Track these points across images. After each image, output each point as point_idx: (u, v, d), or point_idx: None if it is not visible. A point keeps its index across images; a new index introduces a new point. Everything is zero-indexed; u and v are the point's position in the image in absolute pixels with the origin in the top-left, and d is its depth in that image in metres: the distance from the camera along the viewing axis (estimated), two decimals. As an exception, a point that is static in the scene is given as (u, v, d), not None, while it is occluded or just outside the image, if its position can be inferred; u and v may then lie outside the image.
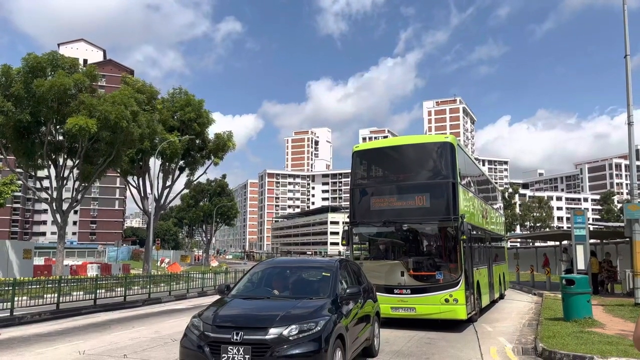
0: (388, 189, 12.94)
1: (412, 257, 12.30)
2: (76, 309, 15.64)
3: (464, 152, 13.83)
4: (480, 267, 14.24)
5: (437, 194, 12.03)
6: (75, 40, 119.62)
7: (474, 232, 13.70)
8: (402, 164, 13.37)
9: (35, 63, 28.25)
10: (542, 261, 30.29)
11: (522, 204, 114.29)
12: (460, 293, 11.28)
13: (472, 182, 15.09)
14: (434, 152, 12.85)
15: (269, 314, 6.12)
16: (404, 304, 11.62)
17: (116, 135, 29.59)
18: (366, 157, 13.72)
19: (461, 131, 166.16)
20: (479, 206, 15.50)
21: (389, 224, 12.34)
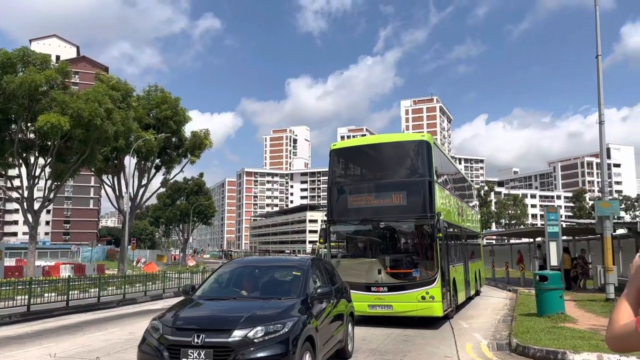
0: (365, 187, 13.01)
1: (389, 255, 12.33)
2: (48, 310, 15.28)
3: (440, 151, 13.93)
4: (456, 264, 14.35)
5: (414, 192, 12.10)
6: (48, 36, 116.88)
7: (450, 229, 13.78)
8: (379, 162, 13.44)
9: (5, 59, 27.53)
10: (517, 258, 30.79)
11: (498, 202, 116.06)
12: (436, 290, 11.29)
13: (449, 180, 15.18)
14: (411, 150, 12.92)
15: (234, 315, 5.81)
16: (380, 302, 11.59)
17: (90, 133, 29.04)
18: (344, 156, 13.73)
19: (438, 130, 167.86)
20: (455, 204, 15.60)
21: (366, 222, 12.36)
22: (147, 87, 41.38)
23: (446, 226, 12.65)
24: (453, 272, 13.40)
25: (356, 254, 13.24)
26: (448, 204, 14.19)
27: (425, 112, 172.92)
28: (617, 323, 1.52)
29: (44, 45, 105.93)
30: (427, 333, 10.95)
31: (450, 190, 15.15)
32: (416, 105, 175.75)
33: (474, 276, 17.99)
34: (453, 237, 14.67)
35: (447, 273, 12.50)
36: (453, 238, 14.67)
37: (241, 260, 8.65)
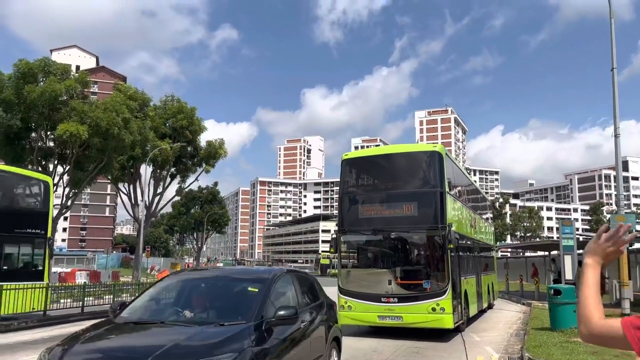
0: (376, 197, 13.02)
1: (400, 266, 12.28)
2: (64, 316, 15.53)
3: (452, 162, 13.94)
4: (468, 276, 14.21)
5: (425, 203, 12.07)
6: (68, 46, 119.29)
7: (462, 241, 13.70)
8: (390, 173, 13.48)
9: (26, 69, 28.22)
10: (531, 271, 30.47)
11: (513, 214, 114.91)
12: (447, 302, 11.17)
13: (461, 192, 15.11)
14: (423, 161, 12.94)
15: (146, 347, 4.34)
16: (390, 313, 11.49)
17: (107, 141, 29.54)
18: (355, 166, 13.73)
19: (452, 141, 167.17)
20: (467, 216, 15.48)
21: (377, 232, 12.41)
22: (163, 97, 42.08)
23: (458, 238, 12.55)
24: (464, 284, 13.26)
25: (367, 264, 13.21)
26: (460, 215, 14.08)
27: (439, 123, 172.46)
28: (592, 319, 1.61)
29: (64, 55, 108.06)
30: (439, 345, 10.93)
31: (463, 201, 15.04)
32: (430, 116, 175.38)
33: (486, 289, 17.76)
34: (465, 249, 14.53)
35: (459, 285, 12.35)
36: (465, 250, 14.53)
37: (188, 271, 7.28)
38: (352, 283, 12.33)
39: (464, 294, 12.90)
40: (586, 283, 1.71)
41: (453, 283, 11.53)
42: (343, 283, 12.37)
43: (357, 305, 11.83)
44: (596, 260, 1.73)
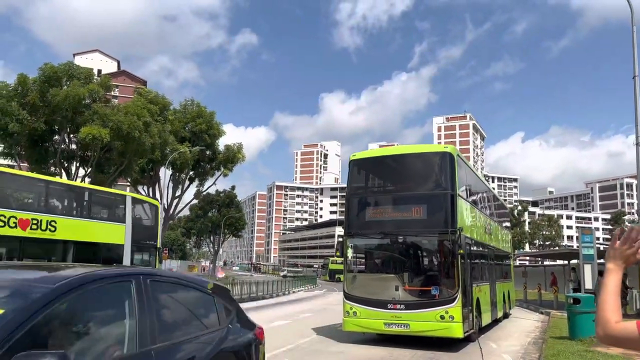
0: (384, 199, 12.72)
1: (408, 271, 11.88)
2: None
3: (465, 164, 13.55)
4: (481, 283, 13.77)
5: (435, 206, 11.69)
6: (91, 50, 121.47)
7: (475, 247, 13.36)
8: (400, 174, 13.10)
9: (51, 73, 28.90)
10: (550, 280, 30.09)
11: (532, 222, 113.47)
12: (456, 310, 10.72)
13: (475, 196, 14.71)
14: (433, 162, 12.52)
15: None
16: (397, 320, 11.08)
17: (128, 145, 30.07)
18: (364, 166, 13.33)
19: (470, 147, 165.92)
20: (481, 221, 15.05)
21: (385, 235, 12.00)
22: (183, 101, 42.66)
23: (470, 243, 12.21)
24: (477, 292, 12.78)
25: (373, 269, 12.88)
26: (473, 220, 13.62)
27: (458, 129, 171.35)
28: (609, 322, 1.67)
29: (86, 59, 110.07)
30: (454, 354, 10.88)
31: (477, 206, 14.62)
32: (449, 122, 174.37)
33: (501, 297, 17.23)
34: (478, 256, 14.12)
35: (470, 292, 11.89)
36: (478, 256, 14.12)
37: None
38: (357, 288, 11.97)
39: (475, 302, 12.41)
40: (606, 287, 1.76)
41: (463, 290, 11.09)
42: (349, 288, 11.98)
43: (362, 312, 11.46)
44: (617, 264, 1.78)
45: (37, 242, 14.31)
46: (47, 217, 14.72)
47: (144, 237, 18.22)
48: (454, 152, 11.96)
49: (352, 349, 11.15)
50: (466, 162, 13.76)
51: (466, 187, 13.01)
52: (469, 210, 12.93)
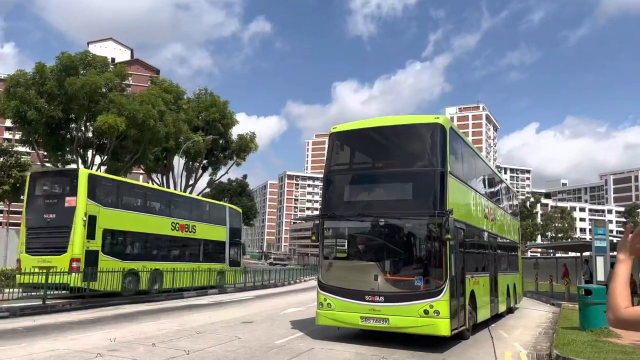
0: (366, 177, 11.51)
1: (389, 258, 10.48)
2: (104, 299, 16.23)
3: (461, 138, 12.25)
4: (478, 274, 12.54)
5: (421, 185, 10.51)
6: (104, 39, 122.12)
7: (470, 233, 12.17)
8: (384, 149, 11.83)
9: (68, 62, 29.26)
10: (562, 272, 30.11)
11: (544, 214, 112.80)
12: (443, 304, 9.47)
13: (472, 176, 13.24)
14: (422, 135, 11.15)
15: None
16: (375, 314, 9.80)
17: (143, 133, 30.45)
18: (345, 140, 12.03)
19: (483, 138, 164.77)
20: (480, 205, 13.54)
21: (364, 217, 10.68)
22: (197, 90, 42.99)
23: (463, 229, 11.11)
24: (472, 284, 11.53)
25: (351, 256, 11.41)
26: (468, 203, 12.24)
27: (470, 120, 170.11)
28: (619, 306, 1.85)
29: (100, 47, 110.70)
30: (464, 342, 11.05)
31: (474, 188, 13.01)
32: (461, 113, 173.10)
33: (504, 290, 15.85)
34: (475, 243, 12.87)
35: (461, 284, 10.69)
36: (475, 244, 12.88)
37: None
38: (333, 277, 10.75)
39: (469, 296, 11.21)
40: (617, 276, 1.94)
41: (452, 281, 9.87)
42: (323, 277, 10.75)
43: (337, 303, 10.24)
44: (627, 256, 1.96)
45: (187, 239, 21.88)
46: (192, 222, 22.05)
47: (235, 235, 25.81)
48: (446, 124, 10.62)
49: (318, 345, 11.33)
50: (462, 136, 12.48)
51: (461, 165, 11.81)
52: (463, 192, 11.65)
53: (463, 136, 12.57)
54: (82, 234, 16.14)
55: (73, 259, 15.91)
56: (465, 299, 10.79)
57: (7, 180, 28.66)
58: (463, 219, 11.05)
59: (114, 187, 18.94)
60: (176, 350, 8.74)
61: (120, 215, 17.99)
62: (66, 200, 16.65)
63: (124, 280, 17.48)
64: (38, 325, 11.44)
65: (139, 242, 19.22)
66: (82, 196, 16.39)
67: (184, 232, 21.29)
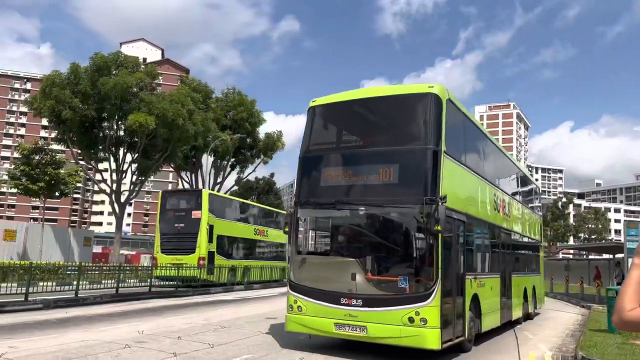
0: (346, 157, 9.71)
1: (370, 255, 8.82)
2: (133, 294, 16.71)
3: (462, 113, 10.42)
4: (483, 275, 10.83)
5: (409, 166, 8.85)
6: (136, 39, 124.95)
7: (474, 227, 10.57)
8: (370, 125, 10.36)
9: (101, 62, 30.11)
10: (594, 274, 29.43)
11: (577, 215, 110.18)
12: (431, 310, 7.81)
13: (478, 160, 11.48)
14: (412, 107, 9.48)
15: None
16: (352, 320, 8.23)
17: (173, 132, 31.06)
18: (326, 115, 10.43)
19: (514, 137, 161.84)
20: (488, 194, 11.65)
21: (342, 205, 9.04)
22: (225, 89, 43.55)
23: (463, 221, 9.44)
24: (474, 287, 9.83)
25: (326, 251, 10.06)
26: (471, 190, 10.60)
27: (500, 119, 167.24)
28: (624, 309, 1.89)
29: (132, 48, 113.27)
30: (486, 343, 10.97)
31: (481, 173, 11.13)
32: (491, 111, 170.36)
33: (520, 294, 14.09)
34: (481, 239, 11.21)
35: (459, 286, 9.08)
36: (481, 239, 11.20)
37: None
38: (306, 275, 9.32)
39: (471, 300, 9.52)
40: (628, 279, 1.98)
41: (445, 283, 8.27)
42: (295, 275, 9.32)
43: (308, 307, 8.70)
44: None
45: (263, 242, 27.38)
46: (265, 228, 27.44)
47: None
48: (442, 94, 8.97)
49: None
50: (465, 111, 10.73)
51: (462, 146, 10.27)
52: (464, 177, 9.98)
53: (466, 111, 10.83)
54: (205, 238, 21.37)
55: (200, 257, 21.05)
56: (464, 304, 9.17)
57: (43, 177, 29.65)
58: (463, 210, 9.48)
59: (221, 202, 24.79)
60: (201, 343, 8.95)
61: (226, 224, 23.36)
62: (193, 214, 21.66)
63: (228, 274, 22.63)
64: (70, 317, 11.87)
65: (235, 244, 24.61)
66: (205, 210, 21.53)
67: (261, 235, 27.18)
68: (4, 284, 14.04)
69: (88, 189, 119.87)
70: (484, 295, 10.34)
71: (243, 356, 8.14)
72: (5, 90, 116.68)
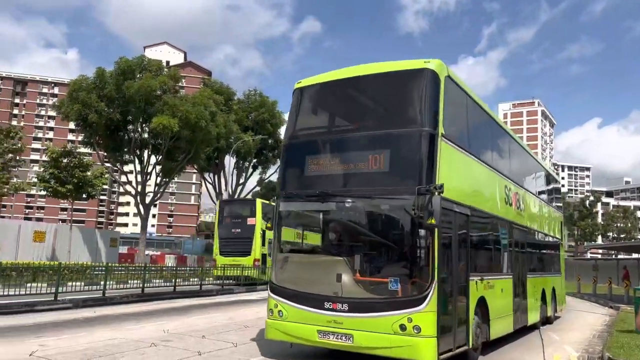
0: (331, 144, 8.58)
1: (357, 253, 7.78)
2: (158, 294, 17.01)
3: (464, 93, 9.26)
4: (493, 276, 9.69)
5: (400, 151, 7.79)
6: (159, 43, 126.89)
7: (481, 221, 9.55)
8: (359, 106, 9.25)
9: (126, 66, 30.69)
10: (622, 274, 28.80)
11: (605, 214, 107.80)
12: (426, 317, 6.87)
13: (485, 146, 10.49)
14: (406, 85, 8.37)
15: None
16: (336, 327, 7.32)
17: (196, 134, 31.49)
18: (311, 98, 9.37)
19: (539, 134, 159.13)
20: (498, 186, 10.59)
21: (327, 197, 8.04)
22: (247, 90, 43.96)
23: (467, 214, 8.48)
24: (481, 288, 8.81)
25: (312, 249, 8.98)
26: (476, 180, 9.56)
27: (525, 116, 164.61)
28: None
29: (155, 51, 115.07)
30: (510, 344, 10.85)
31: (489, 163, 10.13)
32: (515, 109, 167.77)
33: (538, 296, 13.00)
34: (489, 235, 10.16)
35: (460, 288, 8.05)
36: (489, 235, 10.15)
37: None
38: (288, 276, 8.41)
39: (476, 304, 8.52)
40: None
41: (443, 284, 7.32)
42: (277, 275, 8.36)
43: (290, 312, 7.80)
44: None
45: None
46: None
47: None
48: (440, 70, 7.97)
49: None
50: (466, 89, 9.41)
51: (465, 129, 9.34)
52: (467, 165, 8.97)
53: (471, 91, 9.60)
54: (259, 242, 23.71)
55: (255, 259, 23.73)
56: (468, 308, 8.18)
57: (71, 179, 30.35)
58: (467, 202, 8.48)
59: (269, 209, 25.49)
60: (225, 342, 9.09)
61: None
62: (248, 220, 24.12)
63: None
64: (98, 316, 12.16)
65: None
66: (259, 217, 23.87)
67: None
68: (34, 284, 14.42)
69: (114, 191, 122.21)
70: (492, 298, 9.35)
71: (266, 357, 8.24)
72: (34, 95, 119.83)
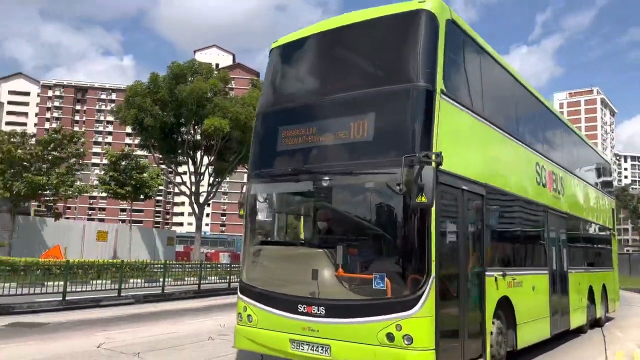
0: (306, 111, 6.92)
1: (337, 244, 6.08)
2: (214, 290, 17.60)
3: (473, 41, 7.43)
4: (521, 271, 8.01)
5: (388, 114, 6.13)
6: (208, 46, 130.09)
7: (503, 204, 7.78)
8: (341, 63, 7.14)
9: (178, 70, 31.71)
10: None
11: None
12: (420, 323, 5.30)
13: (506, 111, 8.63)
14: (398, 33, 6.51)
15: None
16: (312, 336, 5.81)
17: (246, 134, 32.07)
18: (287, 58, 7.64)
19: (598, 124, 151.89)
20: (524, 161, 8.75)
21: (301, 175, 6.47)
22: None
23: (482, 194, 6.80)
24: (500, 286, 7.03)
25: (286, 239, 7.43)
26: (492, 151, 7.62)
27: (582, 105, 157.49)
28: None
29: (205, 55, 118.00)
30: (569, 343, 10.52)
31: (511, 131, 8.22)
32: (572, 98, 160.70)
33: (584, 295, 11.13)
34: (515, 221, 8.43)
35: (472, 286, 6.50)
36: (515, 223, 8.44)
37: None
38: (258, 273, 6.89)
39: (495, 305, 6.84)
40: None
41: (445, 281, 5.84)
42: (247, 273, 6.92)
43: (260, 316, 6.32)
44: None
45: None
46: None
47: None
48: (439, 12, 6.25)
49: None
50: (477, 38, 7.53)
51: (477, 87, 7.34)
52: (477, 131, 7.14)
53: (479, 39, 7.61)
54: None
55: None
56: (483, 311, 6.56)
57: (129, 181, 31.74)
58: (481, 179, 6.80)
59: None
60: (278, 336, 9.32)
61: None
62: None
63: None
64: (159, 311, 12.73)
65: None
66: None
67: None
68: (98, 280, 15.24)
69: (169, 192, 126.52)
70: (519, 298, 7.62)
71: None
72: (93, 102, 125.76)
